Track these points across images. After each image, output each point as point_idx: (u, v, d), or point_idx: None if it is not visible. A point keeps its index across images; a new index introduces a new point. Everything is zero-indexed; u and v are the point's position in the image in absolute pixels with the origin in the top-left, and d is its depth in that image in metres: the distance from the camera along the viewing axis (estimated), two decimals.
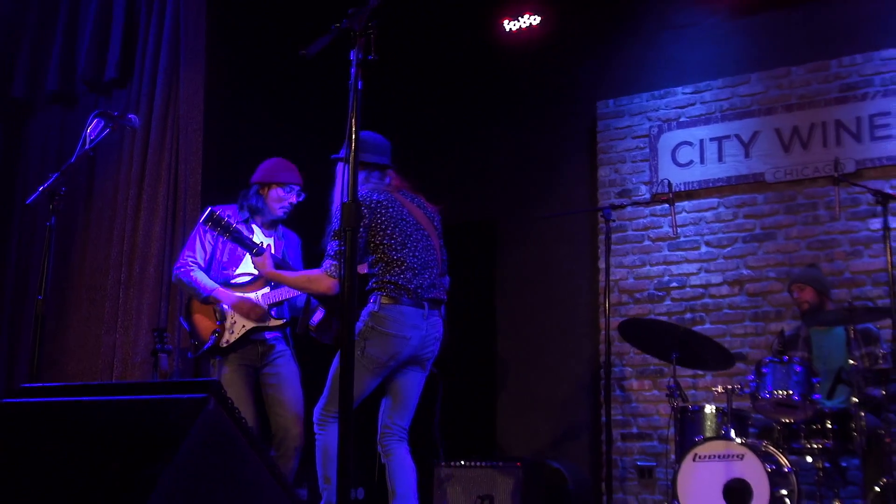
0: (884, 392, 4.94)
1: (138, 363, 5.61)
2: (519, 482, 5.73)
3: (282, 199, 4.65)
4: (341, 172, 3.98)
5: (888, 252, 4.94)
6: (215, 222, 4.11)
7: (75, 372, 6.01)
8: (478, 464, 5.88)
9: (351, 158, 2.35)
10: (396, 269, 3.93)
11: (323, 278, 3.87)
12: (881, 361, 5.13)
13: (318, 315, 4.35)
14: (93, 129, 4.01)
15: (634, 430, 6.53)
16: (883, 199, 4.87)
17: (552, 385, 6.96)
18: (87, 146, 3.97)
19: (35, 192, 3.90)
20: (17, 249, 6.34)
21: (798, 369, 4.84)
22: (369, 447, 7.77)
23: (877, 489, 4.86)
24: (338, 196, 3.94)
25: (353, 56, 2.40)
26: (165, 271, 5.71)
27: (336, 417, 3.69)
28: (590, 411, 6.70)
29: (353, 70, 2.41)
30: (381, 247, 3.93)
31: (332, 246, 3.86)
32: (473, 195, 7.53)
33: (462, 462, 5.90)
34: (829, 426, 4.90)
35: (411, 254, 3.99)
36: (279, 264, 4.67)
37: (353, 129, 2.38)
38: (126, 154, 6.09)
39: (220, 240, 4.62)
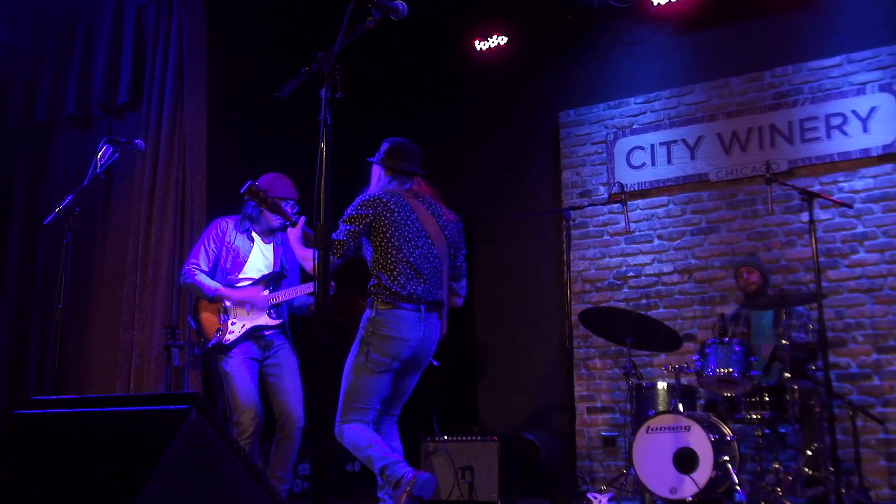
0: (813, 367, 5.05)
1: (153, 357, 5.66)
2: (496, 454, 5.80)
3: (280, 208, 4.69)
4: (376, 174, 4.04)
5: (814, 242, 5.03)
6: (253, 194, 4.02)
7: (98, 366, 6.06)
8: (459, 438, 5.95)
9: (322, 185, 2.40)
10: (391, 273, 3.76)
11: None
12: (810, 337, 5.24)
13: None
14: (103, 154, 4.05)
15: (599, 404, 6.61)
16: (808, 196, 4.95)
17: (525, 366, 7.02)
18: (98, 170, 4.01)
19: (52, 213, 3.96)
20: (44, 261, 6.39)
21: (737, 349, 4.92)
22: None
23: (809, 452, 4.97)
24: (369, 192, 3.92)
25: (322, 94, 2.46)
26: (176, 274, 5.73)
27: (355, 417, 3.76)
28: (559, 388, 6.73)
29: (323, 107, 2.47)
30: (380, 248, 3.79)
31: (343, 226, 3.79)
32: (451, 196, 7.46)
33: (445, 437, 5.97)
34: (767, 398, 4.98)
35: (407, 258, 3.80)
36: (281, 271, 4.78)
37: (324, 158, 2.44)
38: (138, 170, 6.11)
39: (224, 247, 4.67)
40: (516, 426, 6.71)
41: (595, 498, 2.33)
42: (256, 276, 4.70)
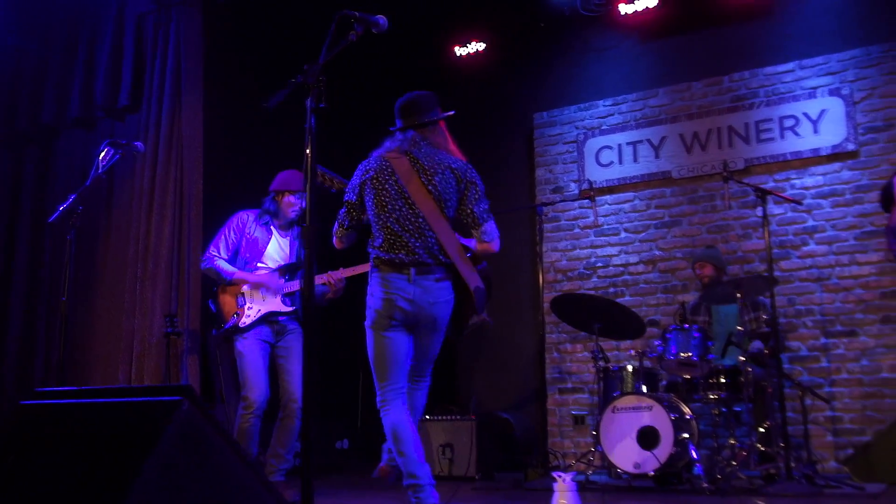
0: (766, 350, 5.11)
1: (154, 344, 5.65)
2: (473, 431, 5.86)
3: (293, 204, 4.71)
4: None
5: (766, 235, 5.10)
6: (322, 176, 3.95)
7: (102, 353, 6.06)
8: (440, 418, 6.01)
9: (308, 188, 2.42)
10: (375, 239, 3.61)
11: None
12: (764, 325, 5.30)
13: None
14: (104, 155, 4.05)
15: (569, 385, 6.65)
16: (761, 193, 5.01)
17: (503, 351, 7.04)
18: (100, 171, 4.01)
19: (56, 212, 3.96)
20: (51, 256, 6.37)
21: (696, 335, 4.97)
22: (352, 406, 7.91)
23: (762, 430, 5.04)
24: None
25: (307, 104, 2.48)
26: (174, 266, 5.76)
27: (391, 395, 3.59)
28: (533, 371, 6.79)
29: (308, 115, 2.48)
30: (370, 214, 3.64)
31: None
32: None
33: (427, 417, 6.01)
34: (723, 380, 5.02)
35: (386, 223, 3.56)
36: (297, 262, 4.76)
37: (309, 163, 2.46)
38: (138, 169, 6.09)
39: (244, 238, 4.73)
40: (493, 406, 6.74)
41: (560, 476, 2.36)
42: (273, 266, 4.74)
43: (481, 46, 7.31)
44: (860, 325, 5.72)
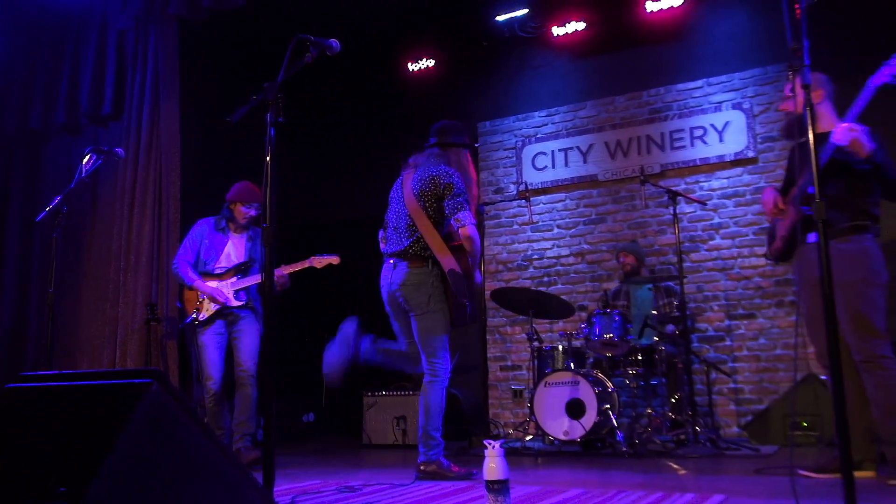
0: (676, 331, 5.23)
1: (136, 329, 5.60)
2: None
3: (244, 213, 4.90)
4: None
5: (677, 232, 5.22)
6: None
7: (88, 338, 5.97)
8: (394, 393, 6.04)
9: (267, 192, 2.43)
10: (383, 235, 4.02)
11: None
12: (675, 310, 5.42)
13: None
14: (88, 160, 4.00)
15: (509, 363, 6.72)
16: (672, 195, 5.12)
17: (452, 332, 7.08)
18: (83, 175, 3.96)
19: (43, 212, 3.90)
20: (39, 251, 6.25)
21: (617, 318, 5.07)
22: (318, 382, 7.87)
23: (673, 400, 5.17)
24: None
25: (267, 118, 2.49)
26: (154, 259, 5.71)
27: (441, 370, 3.83)
28: (478, 351, 6.86)
29: (269, 128, 2.49)
30: None
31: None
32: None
33: (383, 392, 6.06)
34: (641, 358, 5.14)
35: (387, 223, 4.00)
36: (248, 261, 4.88)
37: (268, 170, 2.46)
38: (121, 171, 6.01)
39: (204, 242, 4.88)
40: None
41: (490, 444, 2.41)
42: (229, 264, 4.88)
43: (431, 63, 7.33)
44: (758, 308, 5.87)
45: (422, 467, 3.75)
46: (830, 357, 2.18)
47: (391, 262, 3.85)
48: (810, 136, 2.29)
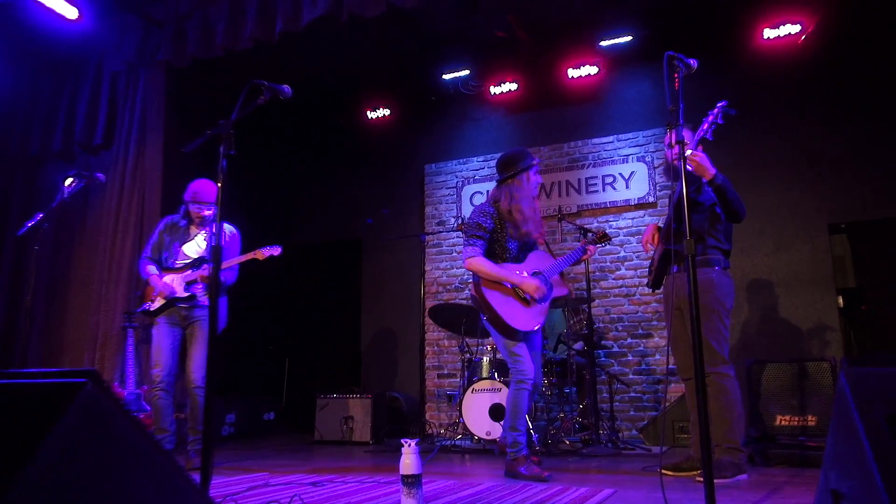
0: (585, 347, 5.24)
1: (114, 335, 5.39)
2: (370, 407, 5.80)
3: (195, 213, 4.40)
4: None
5: (588, 263, 5.25)
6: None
7: (72, 341, 5.74)
8: (343, 395, 5.92)
9: (217, 213, 2.35)
10: None
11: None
12: (584, 328, 5.44)
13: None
14: (70, 182, 3.84)
15: (445, 371, 6.65)
16: (583, 232, 5.16)
17: (395, 344, 7.00)
18: (65, 195, 3.80)
19: (24, 227, 3.71)
20: (36, 264, 6.00)
21: None
22: (278, 384, 7.68)
23: (581, 406, 5.16)
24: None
25: (221, 150, 2.42)
26: (134, 273, 5.52)
27: (517, 375, 3.56)
28: (418, 361, 6.77)
29: (221, 160, 2.42)
30: None
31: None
32: (346, 223, 7.54)
33: (334, 395, 5.93)
34: (555, 369, 5.14)
35: None
36: (200, 258, 4.38)
37: (219, 194, 2.39)
38: (108, 193, 5.84)
39: (167, 238, 4.40)
40: (386, 387, 6.70)
41: (406, 443, 2.35)
42: (187, 259, 4.39)
43: (387, 112, 7.30)
44: (655, 329, 5.92)
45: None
46: (696, 373, 2.19)
47: None
48: (682, 185, 2.32)
